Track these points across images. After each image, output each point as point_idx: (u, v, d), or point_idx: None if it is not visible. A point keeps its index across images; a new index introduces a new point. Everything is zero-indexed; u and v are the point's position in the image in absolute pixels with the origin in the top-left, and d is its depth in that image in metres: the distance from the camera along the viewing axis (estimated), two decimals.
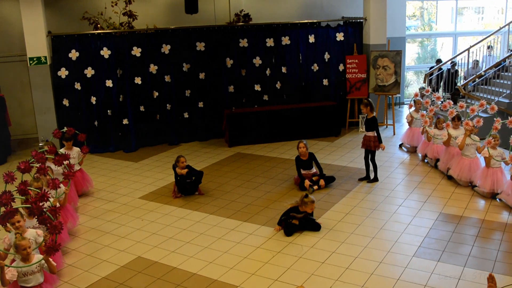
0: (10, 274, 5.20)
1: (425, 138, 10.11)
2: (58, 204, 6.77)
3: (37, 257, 5.43)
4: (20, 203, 6.20)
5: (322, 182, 8.79)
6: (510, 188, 7.74)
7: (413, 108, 10.87)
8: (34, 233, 5.87)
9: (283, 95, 12.72)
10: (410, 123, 10.88)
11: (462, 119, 9.35)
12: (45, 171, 6.91)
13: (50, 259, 5.42)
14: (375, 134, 8.90)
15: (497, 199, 8.02)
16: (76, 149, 8.95)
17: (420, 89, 10.64)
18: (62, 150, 8.48)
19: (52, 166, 7.93)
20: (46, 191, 6.23)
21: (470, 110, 8.99)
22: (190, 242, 6.99)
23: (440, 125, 9.71)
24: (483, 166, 8.48)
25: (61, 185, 7.33)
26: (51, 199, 6.59)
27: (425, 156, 10.10)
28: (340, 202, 8.18)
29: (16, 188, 6.13)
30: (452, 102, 9.76)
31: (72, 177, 7.67)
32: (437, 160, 9.53)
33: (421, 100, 10.74)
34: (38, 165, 6.88)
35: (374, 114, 8.97)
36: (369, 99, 9.13)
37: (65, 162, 7.46)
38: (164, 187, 9.23)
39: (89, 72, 11.48)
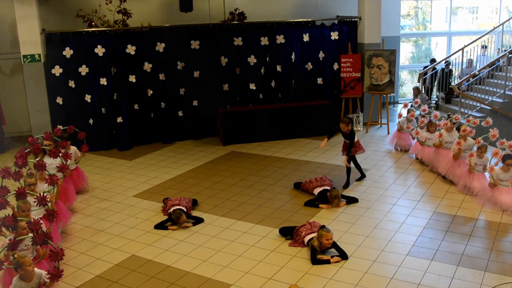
0: None
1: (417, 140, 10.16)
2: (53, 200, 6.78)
3: (37, 272, 5.43)
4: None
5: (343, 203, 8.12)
6: (486, 194, 7.85)
7: (403, 117, 10.88)
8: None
9: (277, 94, 12.72)
10: (399, 130, 10.92)
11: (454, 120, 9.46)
12: (44, 167, 6.92)
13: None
14: (355, 139, 8.76)
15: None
16: (73, 148, 8.87)
17: (408, 109, 10.70)
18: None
19: (47, 160, 7.84)
20: (45, 195, 6.21)
21: (485, 123, 9.24)
22: (184, 240, 6.98)
23: (432, 128, 9.76)
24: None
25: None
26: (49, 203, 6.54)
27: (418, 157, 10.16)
28: None
29: (15, 191, 6.09)
30: (438, 114, 9.88)
31: (66, 171, 7.67)
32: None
33: (414, 109, 10.80)
34: (35, 160, 6.90)
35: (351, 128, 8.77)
36: (350, 116, 9.01)
37: (60, 154, 7.50)
38: (158, 185, 9.22)
39: (83, 70, 11.43)
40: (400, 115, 11.03)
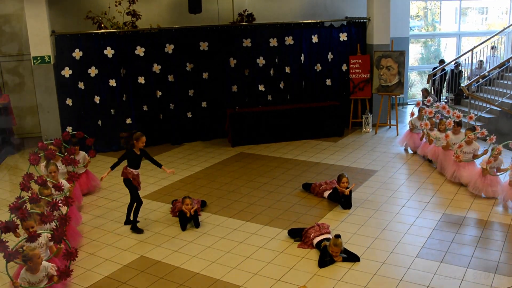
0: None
1: (426, 140, 10.07)
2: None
3: (44, 264, 5.46)
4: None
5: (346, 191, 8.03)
6: (508, 194, 7.77)
7: (415, 116, 10.80)
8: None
9: (286, 95, 12.71)
10: (411, 129, 10.83)
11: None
12: (54, 154, 7.03)
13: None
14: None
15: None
16: (82, 154, 8.93)
17: (420, 108, 10.63)
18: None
19: (59, 164, 7.95)
20: (57, 200, 6.26)
21: (468, 118, 9.16)
22: (192, 241, 7.00)
23: (442, 126, 9.70)
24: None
25: (65, 182, 7.43)
26: (62, 208, 6.58)
27: (425, 157, 10.10)
28: None
29: (28, 197, 6.17)
30: (450, 110, 9.77)
31: (77, 179, 7.78)
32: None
33: (426, 108, 10.74)
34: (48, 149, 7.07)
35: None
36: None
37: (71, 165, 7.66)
38: (167, 186, 9.24)
39: (93, 71, 11.49)
40: (412, 114, 10.88)
